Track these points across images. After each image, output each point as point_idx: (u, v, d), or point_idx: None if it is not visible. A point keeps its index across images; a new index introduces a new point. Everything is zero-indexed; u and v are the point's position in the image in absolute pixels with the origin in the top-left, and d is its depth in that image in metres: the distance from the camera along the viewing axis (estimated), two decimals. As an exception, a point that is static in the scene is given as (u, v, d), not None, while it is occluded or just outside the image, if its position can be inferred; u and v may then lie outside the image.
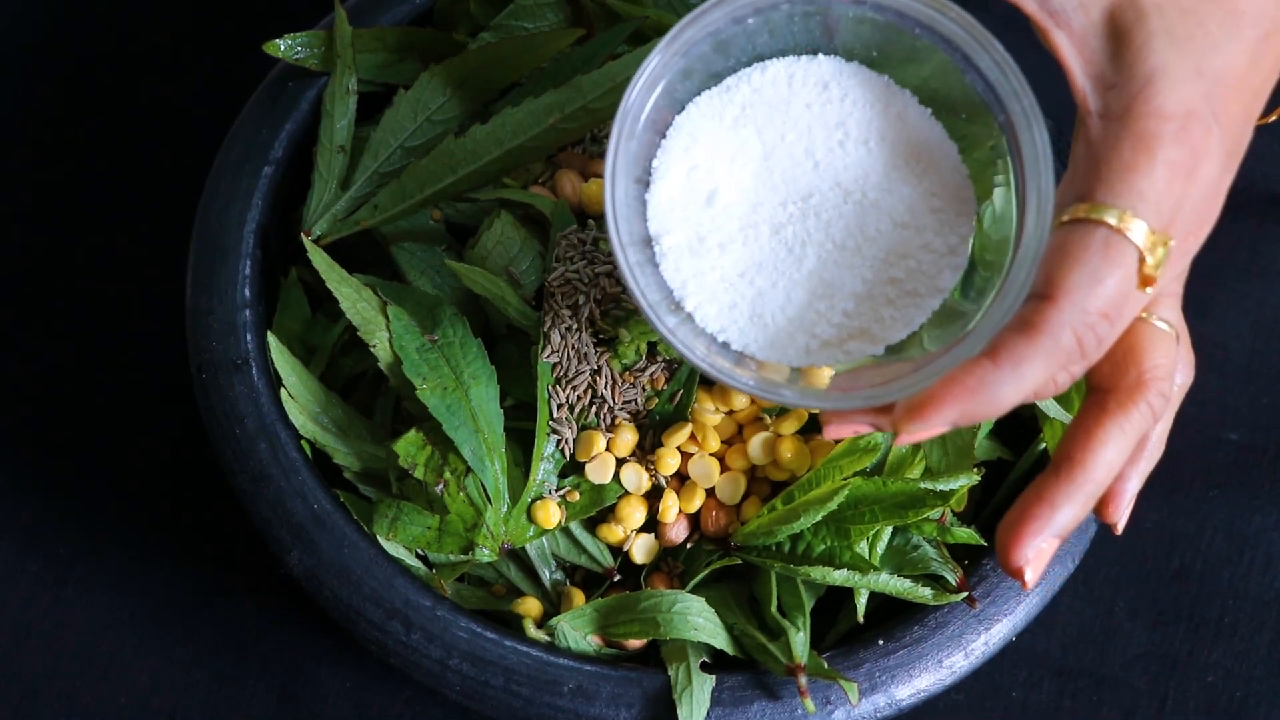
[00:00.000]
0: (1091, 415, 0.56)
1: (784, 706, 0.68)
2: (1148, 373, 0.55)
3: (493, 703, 0.68)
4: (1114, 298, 0.52)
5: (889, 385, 0.55)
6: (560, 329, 0.69)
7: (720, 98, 0.59)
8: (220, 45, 0.86)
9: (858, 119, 0.58)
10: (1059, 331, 0.52)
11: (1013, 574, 0.55)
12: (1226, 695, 0.76)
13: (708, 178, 0.58)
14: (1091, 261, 0.52)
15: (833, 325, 0.57)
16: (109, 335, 0.81)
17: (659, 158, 0.59)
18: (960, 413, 0.52)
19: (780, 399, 0.56)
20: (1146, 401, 0.55)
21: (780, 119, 0.58)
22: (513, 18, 0.74)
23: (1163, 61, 0.53)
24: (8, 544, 0.78)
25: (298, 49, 0.74)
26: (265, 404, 0.70)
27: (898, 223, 0.57)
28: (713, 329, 0.58)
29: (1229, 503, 0.79)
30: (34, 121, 0.85)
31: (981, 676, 0.76)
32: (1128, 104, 0.53)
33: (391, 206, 0.72)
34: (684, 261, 0.58)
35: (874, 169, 0.58)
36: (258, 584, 0.77)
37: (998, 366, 0.52)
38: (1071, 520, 0.55)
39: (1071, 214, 0.53)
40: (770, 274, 0.58)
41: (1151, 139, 0.53)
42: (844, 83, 0.59)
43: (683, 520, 0.71)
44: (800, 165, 0.58)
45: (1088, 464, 0.55)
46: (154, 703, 0.76)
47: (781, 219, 0.58)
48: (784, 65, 0.59)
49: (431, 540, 0.69)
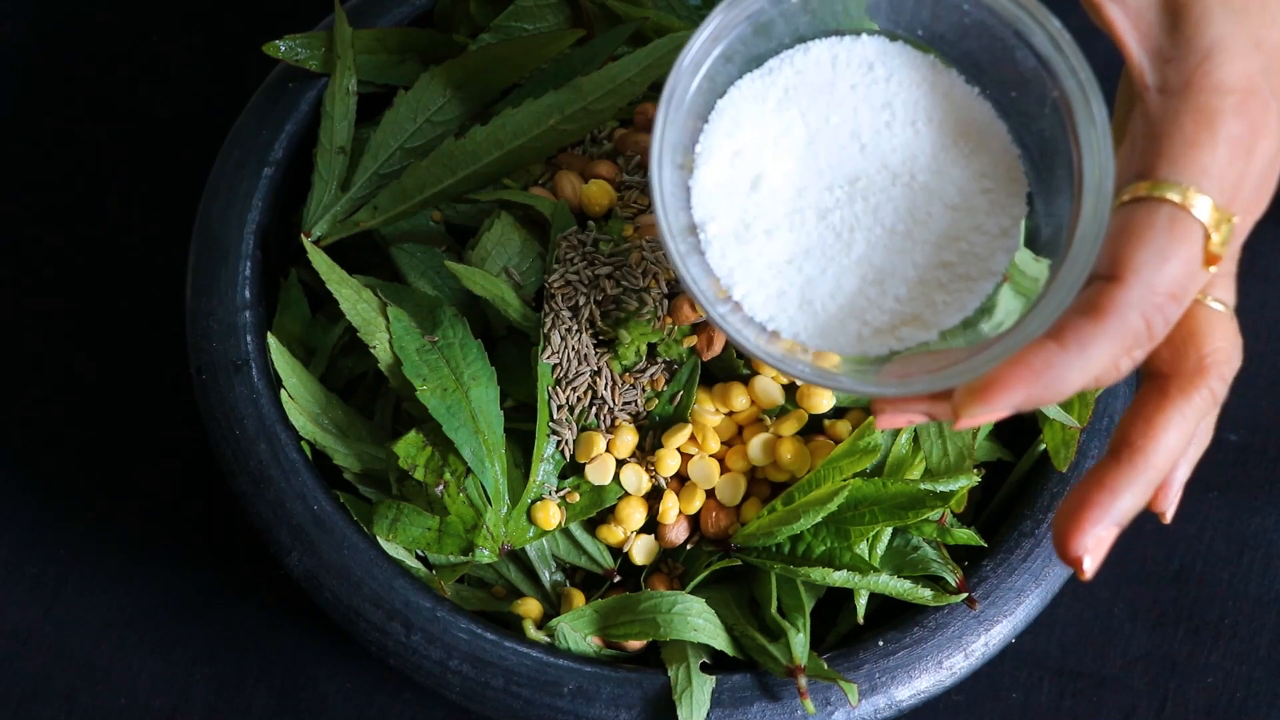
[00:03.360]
0: (1152, 401, 0.54)
1: (784, 707, 0.68)
2: (1208, 356, 0.54)
3: (493, 704, 0.68)
4: (1181, 277, 0.51)
5: (947, 371, 0.53)
6: (560, 330, 0.69)
7: (762, 80, 0.57)
8: (220, 46, 0.86)
9: (904, 99, 0.57)
10: (1127, 313, 0.51)
11: (1071, 563, 0.53)
12: (1226, 696, 0.76)
13: (752, 162, 0.57)
14: (1158, 240, 0.51)
15: (884, 311, 0.56)
16: (109, 336, 0.81)
17: (701, 143, 0.57)
18: (1025, 396, 0.51)
19: (838, 385, 0.55)
20: (1209, 387, 0.54)
21: (825, 101, 0.57)
22: (513, 19, 0.74)
23: (1221, 34, 0.52)
24: (8, 544, 0.78)
25: (298, 50, 0.74)
26: (265, 405, 0.70)
27: (948, 205, 0.56)
28: (761, 317, 0.57)
29: (1229, 503, 0.79)
30: (34, 122, 0.85)
31: (981, 677, 0.76)
32: (1187, 78, 0.52)
33: (391, 208, 0.72)
34: (730, 249, 0.57)
35: (922, 150, 0.56)
36: (258, 585, 0.77)
37: (1064, 349, 0.51)
38: (1132, 508, 0.54)
39: (1132, 192, 0.52)
40: (819, 260, 0.56)
41: (1213, 113, 0.51)
42: (889, 62, 0.57)
43: (683, 521, 0.71)
44: (846, 148, 0.57)
45: (1149, 450, 0.53)
46: (154, 704, 0.76)
47: (828, 203, 0.56)
48: (827, 46, 0.57)
49: (431, 541, 0.69)
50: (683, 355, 0.70)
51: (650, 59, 0.71)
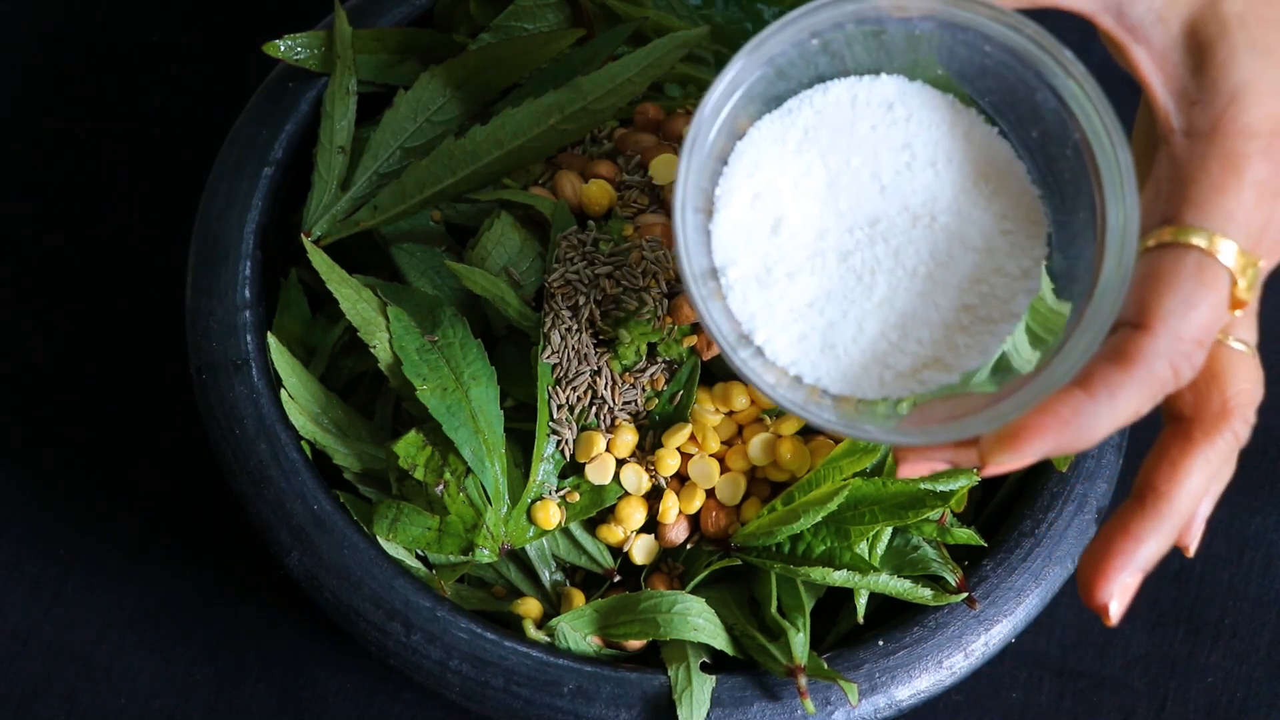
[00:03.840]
0: (1176, 445, 0.54)
1: (784, 707, 0.68)
2: (1231, 399, 0.54)
3: (493, 704, 0.68)
4: (1208, 323, 0.51)
5: (972, 418, 0.53)
6: (560, 330, 0.69)
7: (782, 121, 0.57)
8: (220, 46, 0.86)
9: (924, 140, 0.56)
10: (1155, 362, 0.50)
11: (1097, 610, 0.53)
12: (1226, 696, 0.76)
13: (772, 205, 0.56)
14: (1185, 288, 0.50)
15: (906, 355, 0.56)
16: (109, 336, 0.81)
17: (721, 185, 0.57)
18: (1054, 444, 0.51)
19: (864, 435, 0.54)
20: (1232, 430, 0.53)
21: (845, 142, 0.56)
22: (513, 18, 0.74)
23: (1247, 76, 0.52)
24: (8, 544, 0.78)
25: (297, 50, 0.74)
26: (265, 405, 0.70)
27: (969, 247, 0.56)
28: (784, 362, 0.56)
29: (1229, 503, 0.79)
30: (34, 122, 0.85)
31: (981, 677, 0.76)
32: (1214, 121, 0.52)
33: (391, 207, 0.72)
34: (752, 293, 0.56)
35: (943, 191, 0.56)
36: (258, 584, 0.77)
37: (1093, 398, 0.50)
38: (1156, 553, 0.53)
39: (1158, 238, 0.51)
40: (840, 304, 0.56)
41: (1240, 158, 0.51)
42: (908, 102, 0.57)
43: (683, 521, 0.71)
44: (866, 189, 0.56)
45: (1173, 496, 0.53)
46: (154, 704, 0.76)
47: (849, 246, 0.56)
48: (846, 86, 0.57)
49: (431, 541, 0.69)
50: (683, 355, 0.70)
51: (650, 59, 0.71)
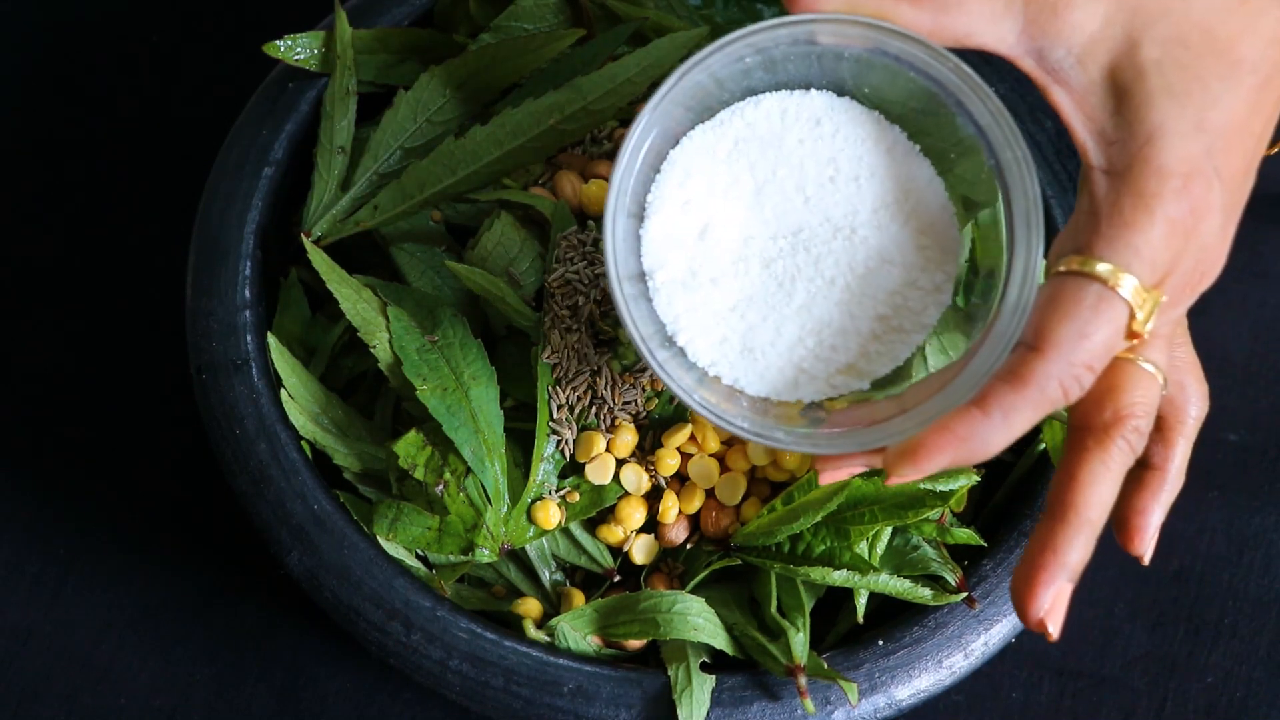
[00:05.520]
0: (1075, 456, 0.56)
1: (784, 707, 0.68)
2: (1123, 409, 0.56)
3: (493, 703, 0.68)
4: (1099, 352, 0.54)
5: (879, 427, 0.56)
6: (560, 330, 0.69)
7: (714, 132, 0.59)
8: (220, 46, 0.86)
9: (848, 155, 0.59)
10: (1046, 383, 0.53)
11: (1034, 627, 0.56)
12: (1226, 696, 0.76)
13: (701, 212, 0.59)
14: (1082, 316, 0.53)
15: (820, 360, 0.58)
16: (109, 336, 0.81)
17: (654, 191, 0.59)
18: (951, 458, 0.54)
19: (774, 443, 0.57)
20: (1123, 437, 0.56)
21: (773, 154, 0.59)
22: (513, 19, 0.74)
23: (1163, 118, 0.54)
24: (8, 544, 0.78)
25: (297, 50, 0.74)
26: (265, 405, 0.70)
27: (886, 260, 0.58)
28: (704, 363, 0.59)
29: (1229, 503, 0.79)
30: (34, 122, 0.85)
31: (981, 677, 0.76)
32: (1129, 161, 0.54)
33: (391, 207, 0.72)
34: (677, 296, 0.59)
35: (864, 205, 0.58)
36: (258, 584, 0.77)
37: (987, 416, 0.53)
38: (1078, 561, 0.56)
39: (1066, 265, 0.54)
40: (761, 308, 0.58)
41: (1152, 197, 0.53)
42: (836, 118, 0.59)
43: (683, 521, 0.71)
44: (791, 200, 0.58)
45: (1078, 504, 0.56)
46: (154, 703, 0.76)
47: (772, 253, 0.58)
48: (777, 100, 0.59)
49: (431, 541, 0.69)
50: (683, 355, 0.70)
51: (650, 59, 0.71)
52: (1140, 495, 0.60)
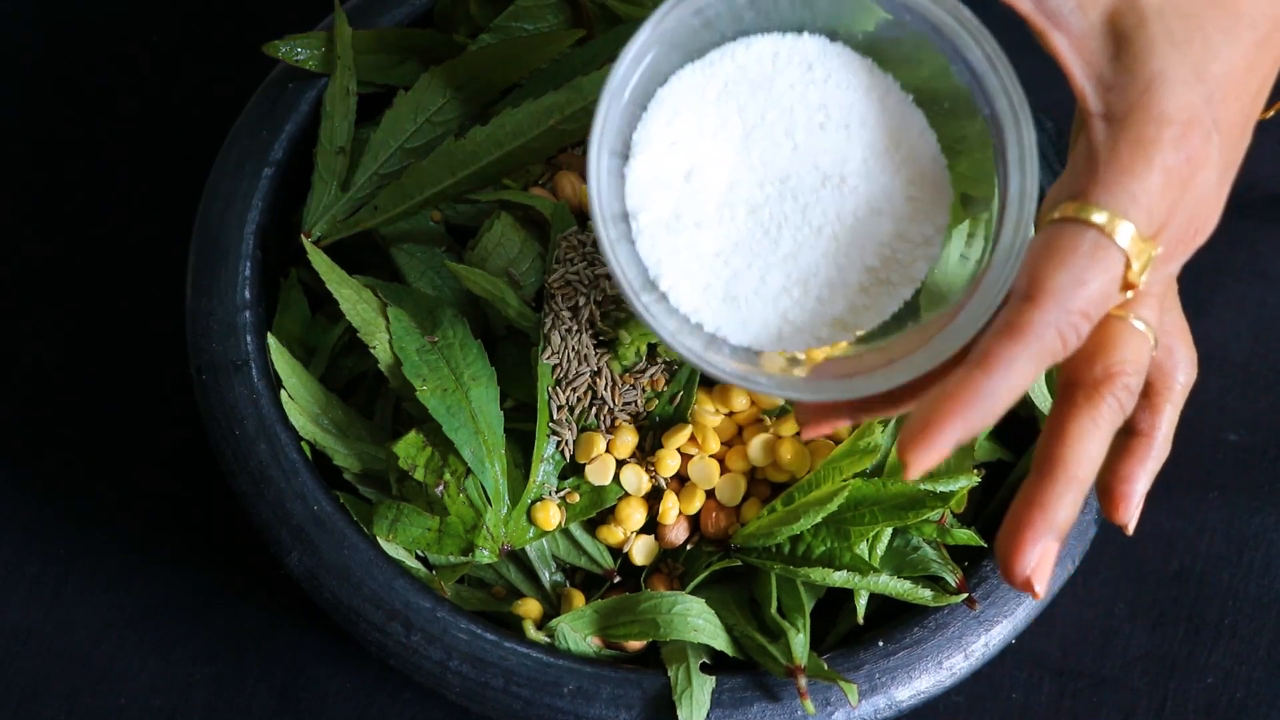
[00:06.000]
0: (1064, 411, 0.55)
1: (784, 708, 0.68)
2: (1114, 365, 0.55)
3: (493, 704, 0.68)
4: (1096, 298, 0.52)
5: (865, 377, 0.54)
6: (560, 330, 0.69)
7: (704, 72, 0.58)
8: (220, 46, 0.86)
9: (839, 102, 0.57)
10: (1045, 331, 0.52)
11: (1020, 585, 0.54)
12: (1226, 696, 0.76)
13: (687, 153, 0.57)
14: (1079, 264, 0.52)
15: (806, 310, 0.57)
16: (109, 336, 0.81)
17: (639, 131, 0.57)
18: (963, 427, 0.52)
19: (758, 387, 0.55)
20: (1113, 394, 0.55)
21: (762, 97, 0.57)
22: (513, 19, 0.74)
23: (1163, 65, 0.53)
24: (8, 544, 0.78)
25: (298, 50, 0.74)
26: (265, 405, 0.70)
27: (875, 210, 0.57)
28: (686, 309, 0.57)
29: (1229, 503, 0.79)
30: (34, 122, 0.85)
31: (981, 678, 0.76)
32: (1128, 107, 0.53)
33: (391, 208, 0.72)
34: (660, 239, 0.57)
35: (853, 154, 0.57)
36: (258, 584, 0.77)
37: (989, 374, 0.52)
38: (1065, 519, 0.55)
39: (1061, 212, 0.53)
40: (745, 255, 0.57)
41: (1150, 143, 0.52)
42: (828, 63, 0.58)
43: (683, 522, 0.71)
44: (780, 146, 0.57)
45: (1066, 460, 0.54)
46: (154, 703, 0.76)
47: (759, 199, 0.57)
48: (769, 42, 0.58)
49: (431, 542, 0.69)
50: (683, 355, 0.70)
51: (650, 59, 0.71)
52: (1126, 462, 0.59)
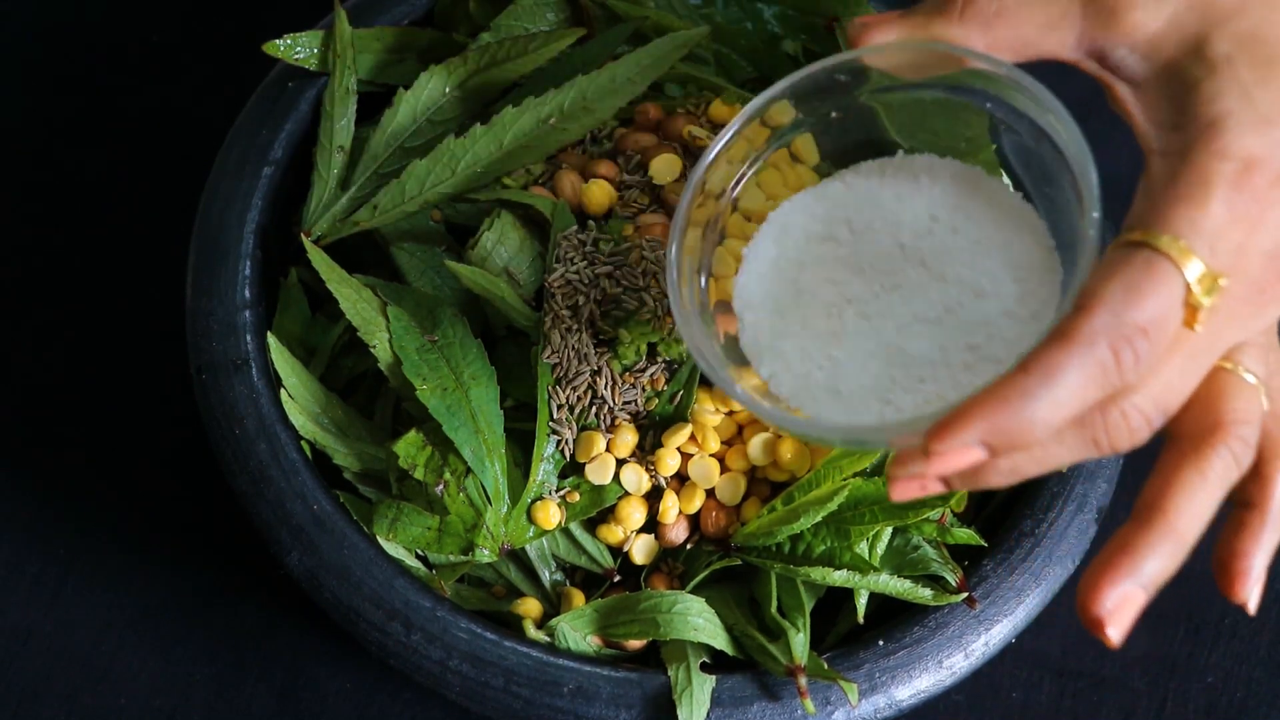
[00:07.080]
0: (1170, 461, 0.54)
1: (784, 707, 0.68)
2: (1224, 415, 0.54)
3: (493, 703, 0.68)
4: (1155, 316, 0.50)
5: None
6: (560, 329, 0.69)
7: (813, 193, 0.61)
8: (220, 46, 0.86)
9: (946, 205, 0.59)
10: (1093, 339, 0.50)
11: (1091, 626, 0.53)
12: (1226, 696, 0.76)
13: (795, 264, 0.60)
14: (1130, 275, 0.51)
15: (909, 392, 0.57)
16: (109, 336, 0.81)
17: (750, 247, 0.61)
18: (991, 426, 0.50)
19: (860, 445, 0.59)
20: (1226, 446, 0.53)
21: (869, 211, 0.60)
22: (513, 18, 0.74)
23: (1229, 108, 0.53)
24: (8, 544, 0.78)
25: (297, 49, 0.74)
26: (265, 405, 0.70)
27: (980, 294, 0.57)
28: (785, 394, 0.59)
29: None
30: (34, 122, 0.85)
31: (981, 677, 0.76)
32: (1189, 144, 0.53)
33: (391, 207, 0.72)
34: (763, 333, 0.60)
35: (961, 249, 0.58)
36: (258, 584, 0.77)
37: (1028, 374, 0.50)
38: (1158, 571, 0.53)
39: (1124, 238, 0.52)
40: (848, 347, 0.58)
41: (1209, 174, 0.52)
42: (936, 174, 0.60)
43: (683, 521, 0.71)
44: (888, 251, 0.59)
45: (1166, 509, 0.53)
46: (154, 703, 0.76)
47: (865, 296, 0.59)
48: (877, 162, 0.61)
49: (431, 541, 0.69)
50: (683, 355, 0.70)
51: (650, 59, 0.71)
52: (1239, 537, 0.56)
